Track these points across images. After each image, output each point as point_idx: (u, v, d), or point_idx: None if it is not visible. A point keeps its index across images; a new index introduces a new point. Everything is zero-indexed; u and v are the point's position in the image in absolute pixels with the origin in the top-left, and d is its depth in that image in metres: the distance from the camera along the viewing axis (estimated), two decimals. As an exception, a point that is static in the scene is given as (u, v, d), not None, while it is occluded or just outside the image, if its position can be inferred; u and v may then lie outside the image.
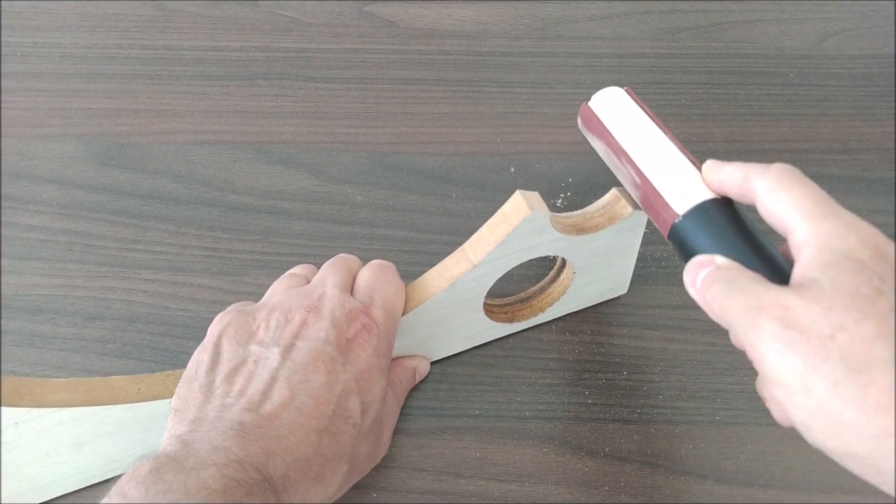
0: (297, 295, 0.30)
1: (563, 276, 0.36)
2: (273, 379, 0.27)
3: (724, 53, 0.49)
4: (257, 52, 0.49)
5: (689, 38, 0.50)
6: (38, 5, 0.51)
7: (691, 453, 0.35)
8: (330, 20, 0.50)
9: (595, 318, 0.38)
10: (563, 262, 0.36)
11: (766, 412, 0.36)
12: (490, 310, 0.36)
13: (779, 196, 0.25)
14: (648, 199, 0.30)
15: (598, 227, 0.32)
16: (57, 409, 0.29)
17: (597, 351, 0.37)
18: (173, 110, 0.46)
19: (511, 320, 0.37)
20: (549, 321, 0.38)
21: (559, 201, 0.42)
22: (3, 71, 0.48)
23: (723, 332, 0.38)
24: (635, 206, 0.32)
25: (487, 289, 0.33)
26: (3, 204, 0.42)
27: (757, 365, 0.22)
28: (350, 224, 0.41)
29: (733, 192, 0.27)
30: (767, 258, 0.26)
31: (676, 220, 0.29)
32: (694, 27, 0.50)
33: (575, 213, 0.33)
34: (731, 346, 0.38)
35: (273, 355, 0.27)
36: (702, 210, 0.28)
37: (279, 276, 0.34)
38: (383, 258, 0.40)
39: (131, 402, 0.30)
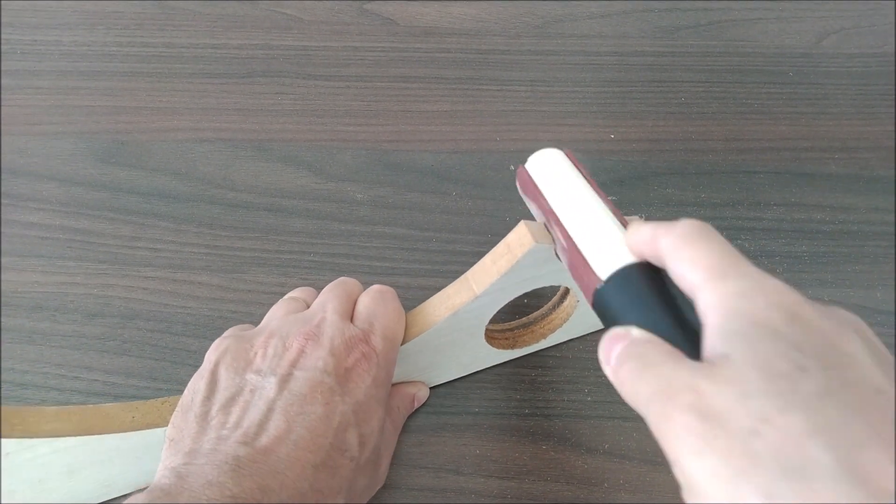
0: (296, 321, 0.30)
1: (566, 302, 0.36)
2: (270, 410, 0.26)
3: (723, 52, 0.49)
4: (257, 49, 0.49)
5: (688, 36, 0.50)
6: (38, 3, 0.51)
7: (690, 450, 0.35)
8: (330, 18, 0.50)
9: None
10: (565, 291, 0.35)
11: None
12: (491, 335, 0.35)
13: (681, 255, 0.22)
14: (574, 263, 0.28)
15: None
16: (49, 439, 0.28)
17: (595, 348, 0.37)
18: (173, 108, 0.46)
19: (512, 346, 0.36)
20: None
21: (559, 199, 0.42)
22: (2, 68, 0.48)
23: (722, 330, 0.38)
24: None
25: (490, 317, 0.32)
26: (2, 201, 0.42)
27: (675, 470, 0.18)
28: (350, 222, 0.42)
29: (647, 254, 0.24)
30: (691, 328, 0.22)
31: (598, 286, 0.26)
32: (693, 25, 0.50)
33: None
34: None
35: (270, 385, 0.27)
36: (623, 275, 0.26)
37: (278, 277, 0.34)
38: (383, 256, 0.40)
39: (125, 431, 0.29)
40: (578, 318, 0.36)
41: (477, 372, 0.37)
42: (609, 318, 0.26)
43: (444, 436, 0.35)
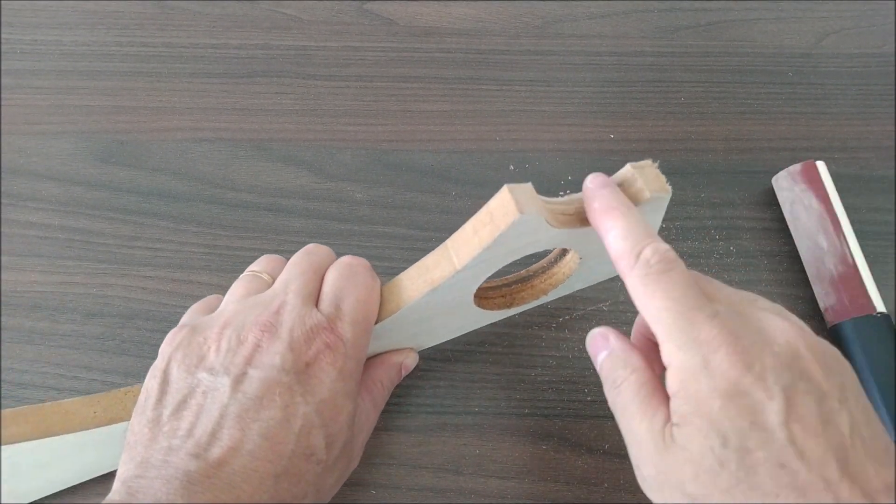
0: (254, 306, 0.27)
1: (567, 257, 0.33)
2: (222, 417, 0.24)
3: (723, 52, 0.49)
4: (257, 49, 0.49)
5: (688, 36, 0.50)
6: (38, 3, 0.51)
7: (690, 450, 0.35)
8: (329, 18, 0.50)
9: (595, 315, 0.38)
10: (566, 252, 0.33)
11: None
12: (485, 295, 0.33)
13: (641, 304, 0.24)
14: (847, 277, 0.36)
15: None
16: (7, 446, 0.27)
17: (596, 348, 0.37)
18: (173, 107, 0.46)
19: (509, 305, 0.33)
20: (551, 316, 0.38)
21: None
22: (2, 68, 0.48)
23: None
24: (654, 188, 0.27)
25: (475, 288, 0.30)
26: (2, 201, 0.42)
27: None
28: (349, 221, 0.41)
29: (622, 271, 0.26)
30: None
31: (874, 313, 0.35)
32: (693, 26, 0.51)
33: (576, 197, 0.28)
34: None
35: (223, 387, 0.25)
36: (887, 318, 0.35)
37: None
38: (382, 256, 0.40)
39: (86, 429, 0.28)
40: (582, 274, 0.33)
41: (477, 372, 0.37)
42: (859, 343, 0.35)
43: (443, 435, 0.35)
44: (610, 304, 0.39)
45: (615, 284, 0.39)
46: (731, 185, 0.43)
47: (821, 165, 0.40)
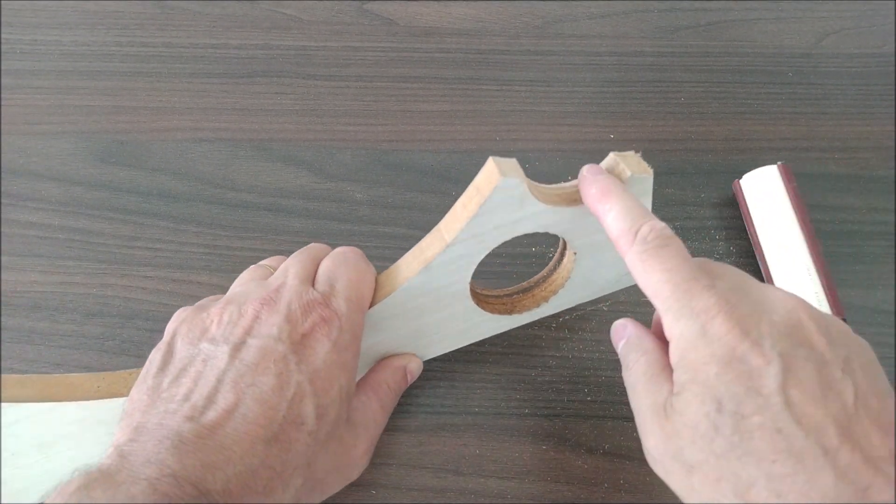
0: (256, 287, 0.29)
1: (565, 259, 0.33)
2: (219, 382, 0.25)
3: (723, 52, 0.49)
4: (257, 49, 0.49)
5: (688, 36, 0.50)
6: (38, 3, 0.51)
7: (690, 450, 0.35)
8: (329, 18, 0.50)
9: (595, 315, 0.38)
10: (564, 246, 0.33)
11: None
12: (486, 301, 0.34)
13: (641, 280, 0.25)
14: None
15: None
16: (11, 404, 0.27)
17: (596, 349, 0.37)
18: (173, 107, 0.46)
19: (510, 311, 0.34)
20: (551, 316, 0.38)
21: (558, 199, 0.42)
22: (2, 68, 0.48)
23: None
24: (636, 171, 0.29)
25: (469, 273, 0.30)
26: (2, 201, 0.42)
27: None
28: (349, 221, 0.41)
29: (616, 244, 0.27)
30: None
31: None
32: (693, 26, 0.51)
33: (566, 184, 0.29)
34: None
35: (222, 354, 0.26)
36: None
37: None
38: (382, 256, 0.40)
39: (89, 400, 0.28)
40: (582, 277, 0.33)
41: (477, 372, 0.37)
42: None
43: (443, 436, 0.35)
44: (610, 304, 0.39)
45: (615, 284, 0.39)
46: (730, 185, 0.43)
47: (750, 179, 0.39)
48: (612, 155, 0.30)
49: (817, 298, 0.35)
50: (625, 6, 0.51)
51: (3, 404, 0.27)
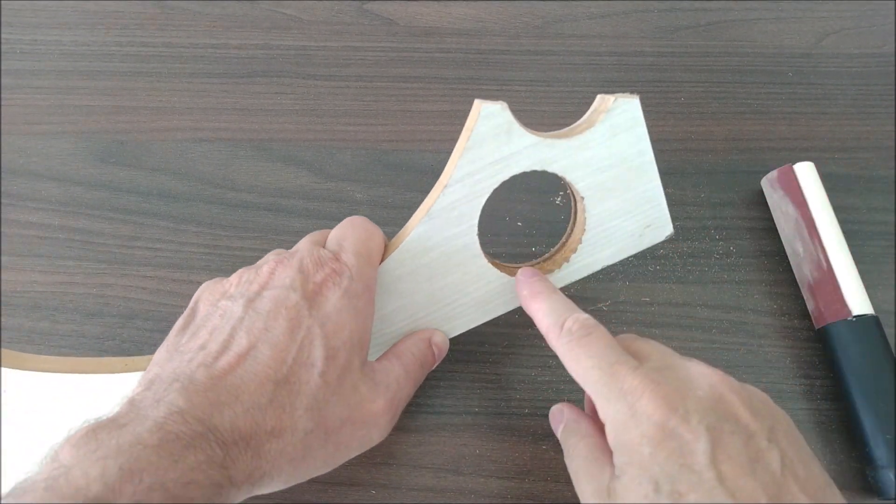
0: (274, 254, 0.30)
1: (577, 213, 0.32)
2: (234, 330, 0.26)
3: (723, 52, 0.49)
4: (257, 49, 0.49)
5: (688, 36, 0.50)
6: (38, 3, 0.51)
7: (690, 450, 0.35)
8: (329, 18, 0.50)
9: (595, 315, 0.38)
10: (573, 197, 0.32)
11: (765, 409, 0.36)
12: (506, 268, 0.33)
13: (571, 370, 0.27)
14: (821, 282, 0.36)
15: (584, 129, 0.29)
16: (41, 373, 0.28)
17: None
18: (172, 107, 0.46)
19: None
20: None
21: (559, 199, 0.42)
22: (2, 68, 0.48)
23: (721, 330, 0.39)
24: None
25: (474, 223, 0.30)
26: (2, 201, 0.42)
27: None
28: (349, 221, 0.41)
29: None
30: None
31: (848, 318, 0.35)
32: (693, 26, 0.51)
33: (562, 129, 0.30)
34: (730, 343, 0.38)
35: (237, 307, 0.27)
36: (869, 321, 0.35)
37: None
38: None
39: (114, 373, 0.29)
40: (602, 232, 0.32)
41: (477, 372, 0.37)
42: (839, 347, 0.35)
43: (443, 435, 0.35)
44: (610, 304, 0.39)
45: (614, 285, 0.39)
46: (731, 185, 0.43)
47: (802, 167, 0.39)
48: (599, 96, 0.31)
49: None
50: (625, 6, 0.51)
51: (36, 374, 0.28)
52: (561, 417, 0.30)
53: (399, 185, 0.43)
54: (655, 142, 0.36)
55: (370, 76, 0.48)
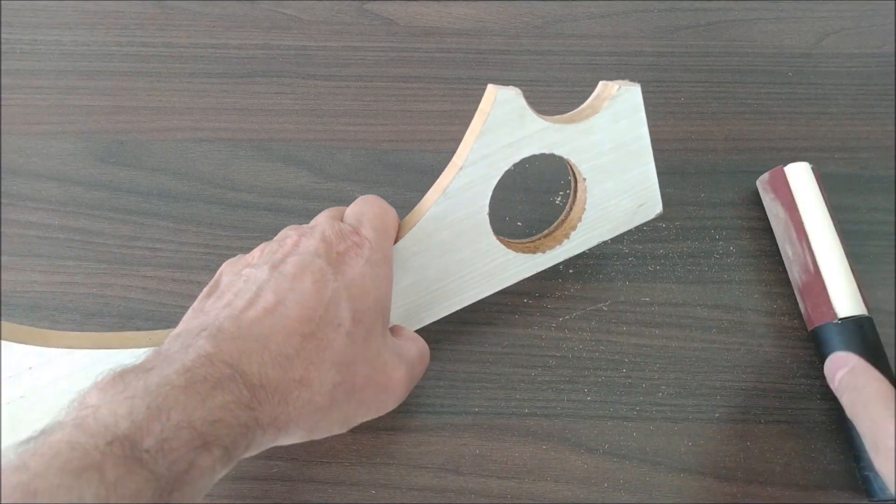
0: (292, 229, 0.31)
1: (578, 192, 0.35)
2: (259, 289, 0.26)
3: (723, 52, 0.49)
4: (257, 49, 0.49)
5: (688, 36, 0.50)
6: (38, 3, 0.51)
7: (690, 450, 0.35)
8: (329, 18, 0.50)
9: (594, 315, 0.38)
10: (575, 178, 0.34)
11: (766, 409, 0.37)
12: (511, 244, 0.35)
13: (858, 423, 0.31)
14: (809, 284, 0.36)
15: (589, 114, 0.32)
16: (67, 350, 0.28)
17: (595, 348, 0.37)
18: (172, 107, 0.46)
19: (534, 251, 0.35)
20: (551, 316, 0.38)
21: (558, 199, 0.42)
22: (2, 68, 0.48)
23: (721, 330, 0.39)
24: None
25: (486, 202, 0.32)
26: (2, 201, 0.42)
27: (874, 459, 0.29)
28: (349, 221, 0.41)
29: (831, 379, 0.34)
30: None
31: (833, 321, 0.35)
32: (693, 26, 0.51)
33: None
34: (730, 343, 0.38)
35: (262, 272, 0.27)
36: (857, 322, 0.35)
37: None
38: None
39: (141, 347, 0.29)
40: (599, 209, 0.34)
41: (477, 372, 0.37)
42: (828, 350, 0.35)
43: (443, 435, 0.35)
44: (610, 304, 0.39)
45: (614, 285, 0.39)
46: (731, 185, 0.43)
47: (795, 168, 0.39)
48: (602, 82, 0.33)
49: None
50: (625, 6, 0.51)
51: (57, 349, 0.28)
52: (845, 362, 0.32)
53: (399, 185, 0.43)
54: (655, 142, 0.36)
55: (370, 76, 0.48)
